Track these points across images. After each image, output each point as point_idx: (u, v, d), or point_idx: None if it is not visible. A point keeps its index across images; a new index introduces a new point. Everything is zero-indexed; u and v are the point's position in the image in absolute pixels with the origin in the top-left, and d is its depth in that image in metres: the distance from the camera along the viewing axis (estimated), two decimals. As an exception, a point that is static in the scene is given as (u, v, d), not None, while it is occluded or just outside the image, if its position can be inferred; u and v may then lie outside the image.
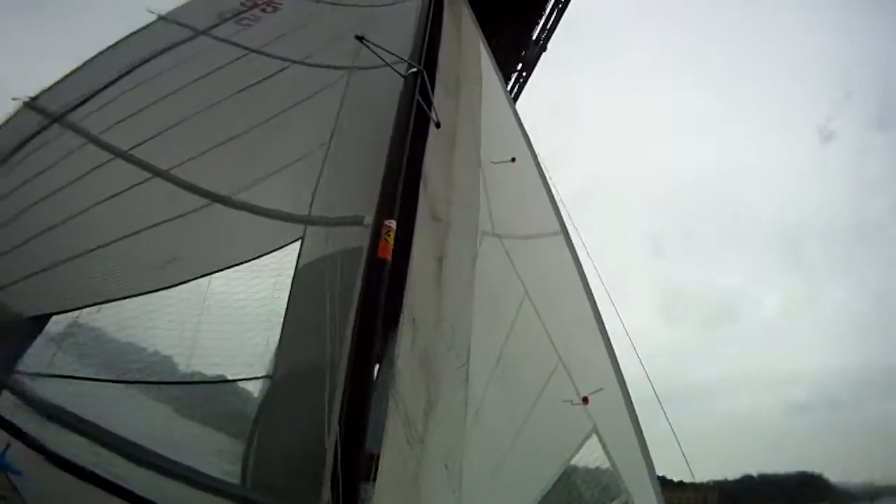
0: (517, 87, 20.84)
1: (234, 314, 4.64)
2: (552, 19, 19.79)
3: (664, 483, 6.57)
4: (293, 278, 4.55)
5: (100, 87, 5.87)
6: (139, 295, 4.53)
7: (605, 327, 4.94)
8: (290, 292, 4.49)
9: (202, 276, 4.69)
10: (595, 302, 5.08)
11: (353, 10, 7.36)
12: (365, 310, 3.93)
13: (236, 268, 4.72)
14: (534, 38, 20.28)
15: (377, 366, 5.24)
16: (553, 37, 20.27)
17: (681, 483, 29.73)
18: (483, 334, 5.03)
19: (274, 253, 4.71)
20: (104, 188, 5.08)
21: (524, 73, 20.84)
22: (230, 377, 4.49)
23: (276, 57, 6.63)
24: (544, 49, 20.77)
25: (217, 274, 4.71)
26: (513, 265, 5.37)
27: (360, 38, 5.43)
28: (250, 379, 4.40)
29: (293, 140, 5.47)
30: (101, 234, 4.81)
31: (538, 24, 19.89)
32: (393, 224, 4.26)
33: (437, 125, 5.59)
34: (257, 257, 4.72)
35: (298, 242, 4.67)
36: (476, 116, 6.34)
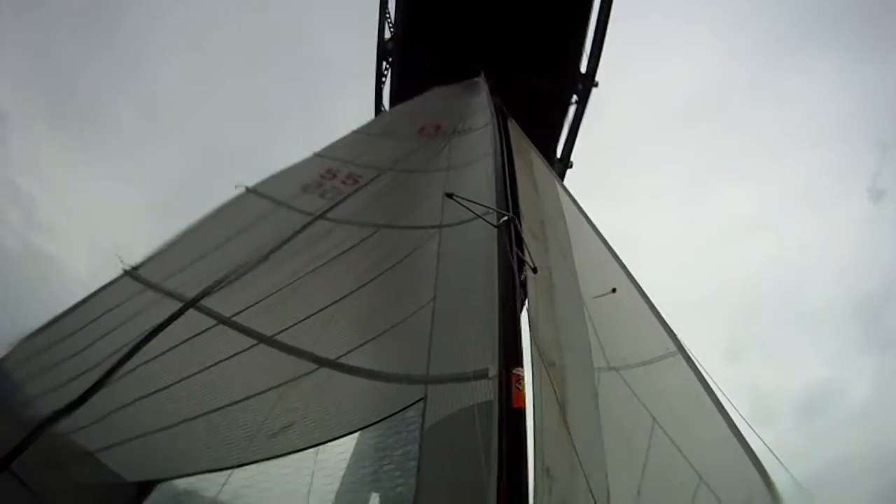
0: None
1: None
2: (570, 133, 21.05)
3: None
4: (420, 441, 4.37)
5: (196, 259, 6.19)
6: (250, 464, 4.31)
7: (744, 437, 4.61)
8: (420, 455, 4.30)
9: (318, 444, 4.51)
10: (727, 414, 4.79)
11: (431, 176, 7.74)
12: (511, 465, 3.72)
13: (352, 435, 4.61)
14: (558, 156, 21.14)
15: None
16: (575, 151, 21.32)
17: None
18: (619, 472, 4.81)
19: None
20: (209, 354, 5.16)
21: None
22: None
23: (364, 224, 6.94)
24: (570, 166, 21.54)
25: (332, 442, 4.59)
26: (635, 395, 5.18)
27: (450, 195, 5.62)
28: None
29: (397, 301, 5.55)
30: (212, 399, 4.78)
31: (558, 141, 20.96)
32: (522, 372, 4.13)
33: (535, 270, 5.62)
34: (378, 421, 4.61)
35: (421, 403, 4.54)
36: (567, 253, 6.40)
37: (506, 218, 5.65)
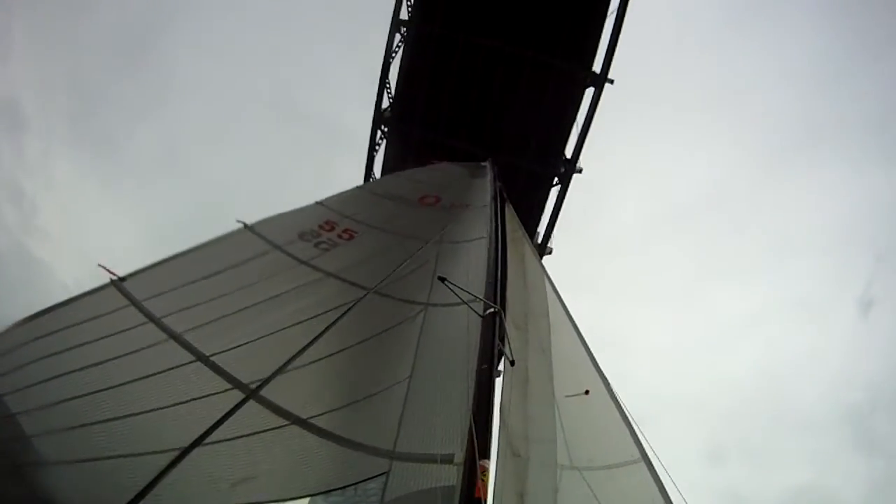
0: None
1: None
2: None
3: None
4: (377, 518, 4.41)
5: (181, 285, 6.26)
6: None
7: None
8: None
9: (278, 500, 4.58)
10: None
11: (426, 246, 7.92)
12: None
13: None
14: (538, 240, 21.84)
15: None
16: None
17: None
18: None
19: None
20: (182, 390, 5.15)
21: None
22: None
23: (355, 284, 7.06)
24: (548, 252, 22.11)
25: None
26: (596, 498, 5.25)
27: (442, 279, 5.80)
28: None
29: (375, 372, 5.64)
30: (181, 438, 4.76)
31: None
32: (487, 464, 4.23)
33: (512, 363, 5.75)
34: (340, 488, 4.66)
35: (384, 477, 4.60)
36: (546, 350, 6.54)
37: (492, 310, 5.82)
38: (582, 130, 20.67)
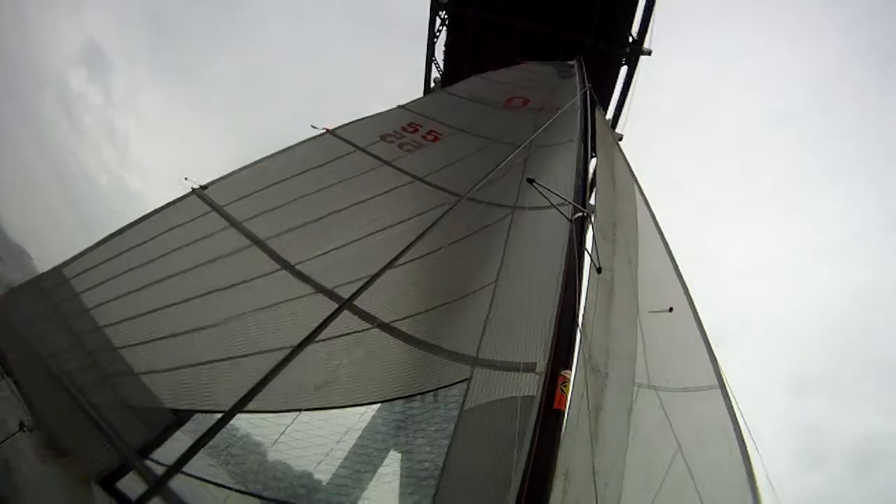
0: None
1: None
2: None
3: None
4: (457, 422, 4.46)
5: (261, 188, 6.39)
6: (290, 411, 4.44)
7: (758, 492, 4.61)
8: (454, 435, 4.40)
9: (358, 405, 4.68)
10: (751, 464, 4.77)
11: (512, 149, 7.67)
12: (538, 464, 3.78)
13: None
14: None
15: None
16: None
17: None
18: (633, 489, 4.85)
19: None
20: (266, 296, 5.34)
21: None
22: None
23: (440, 188, 6.97)
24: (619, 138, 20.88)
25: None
26: (668, 420, 5.17)
27: (530, 181, 5.59)
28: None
29: (460, 276, 5.61)
30: (263, 343, 4.93)
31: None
32: (570, 375, 4.18)
33: (599, 270, 5.59)
34: (420, 393, 4.73)
35: (465, 384, 4.64)
36: (633, 261, 6.33)
37: (581, 214, 5.62)
38: (647, 6, 18.89)
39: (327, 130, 7.65)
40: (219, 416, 4.32)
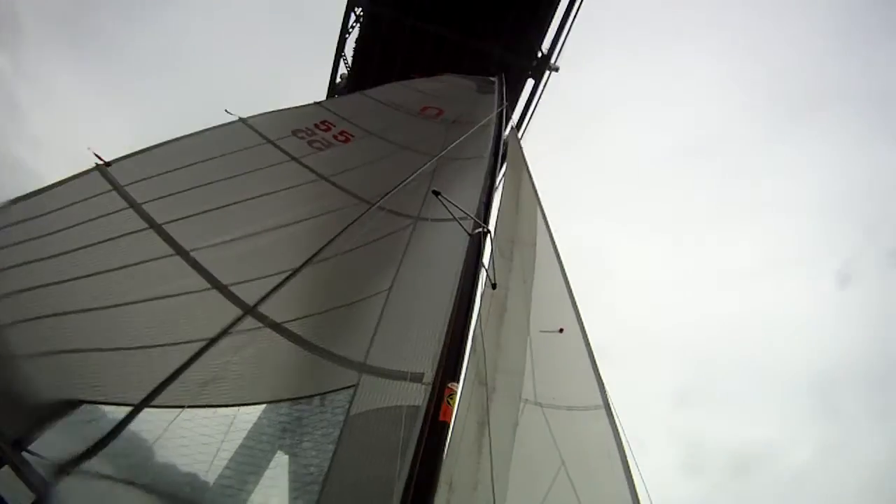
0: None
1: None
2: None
3: None
4: (343, 427, 4.42)
5: (165, 171, 6.11)
6: (175, 407, 4.19)
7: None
8: (339, 441, 4.36)
9: (243, 404, 4.52)
10: (633, 481, 4.99)
11: (421, 158, 7.71)
12: (422, 474, 3.78)
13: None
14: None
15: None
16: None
17: None
18: (516, 502, 4.94)
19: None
20: (158, 285, 5.11)
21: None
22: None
23: (344, 189, 6.91)
24: None
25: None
26: (552, 436, 5.34)
27: (436, 193, 5.63)
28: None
29: (355, 282, 5.57)
30: (154, 334, 4.72)
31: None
32: (457, 387, 4.22)
33: (494, 286, 5.70)
34: (306, 397, 4.66)
35: (352, 390, 4.60)
36: (528, 281, 6.50)
37: (480, 230, 5.71)
38: (559, 25, 19.52)
39: (240, 119, 7.45)
40: (110, 407, 4.14)
